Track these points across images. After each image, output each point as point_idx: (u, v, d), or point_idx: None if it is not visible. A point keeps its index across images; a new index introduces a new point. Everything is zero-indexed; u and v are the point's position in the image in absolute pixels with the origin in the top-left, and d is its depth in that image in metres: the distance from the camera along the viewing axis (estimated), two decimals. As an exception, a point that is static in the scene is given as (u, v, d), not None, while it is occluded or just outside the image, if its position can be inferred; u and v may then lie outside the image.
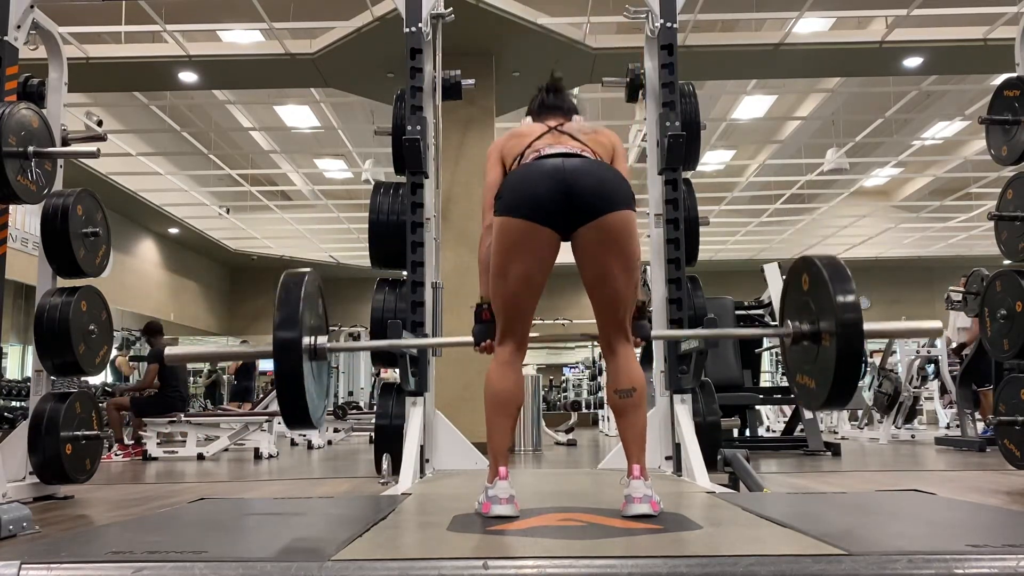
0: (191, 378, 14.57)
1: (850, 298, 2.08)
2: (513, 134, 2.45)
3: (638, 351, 2.45)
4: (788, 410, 9.36)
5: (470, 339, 2.43)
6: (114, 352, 13.98)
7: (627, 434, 2.26)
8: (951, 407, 10.38)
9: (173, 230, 17.21)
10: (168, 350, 2.62)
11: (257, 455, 7.36)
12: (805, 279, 2.23)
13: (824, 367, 2.13)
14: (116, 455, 7.31)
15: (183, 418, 7.65)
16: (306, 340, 2.24)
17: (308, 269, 2.41)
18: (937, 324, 2.47)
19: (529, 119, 2.53)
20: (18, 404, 9.62)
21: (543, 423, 8.92)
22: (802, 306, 2.24)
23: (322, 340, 2.35)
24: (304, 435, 9.48)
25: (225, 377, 13.92)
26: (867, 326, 2.09)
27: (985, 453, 6.71)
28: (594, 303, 2.30)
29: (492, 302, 2.33)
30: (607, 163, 2.34)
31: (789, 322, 2.29)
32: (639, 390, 2.26)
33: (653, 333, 2.54)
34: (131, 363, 12.89)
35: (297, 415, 2.21)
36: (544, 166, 2.22)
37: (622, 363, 2.29)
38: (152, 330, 8.31)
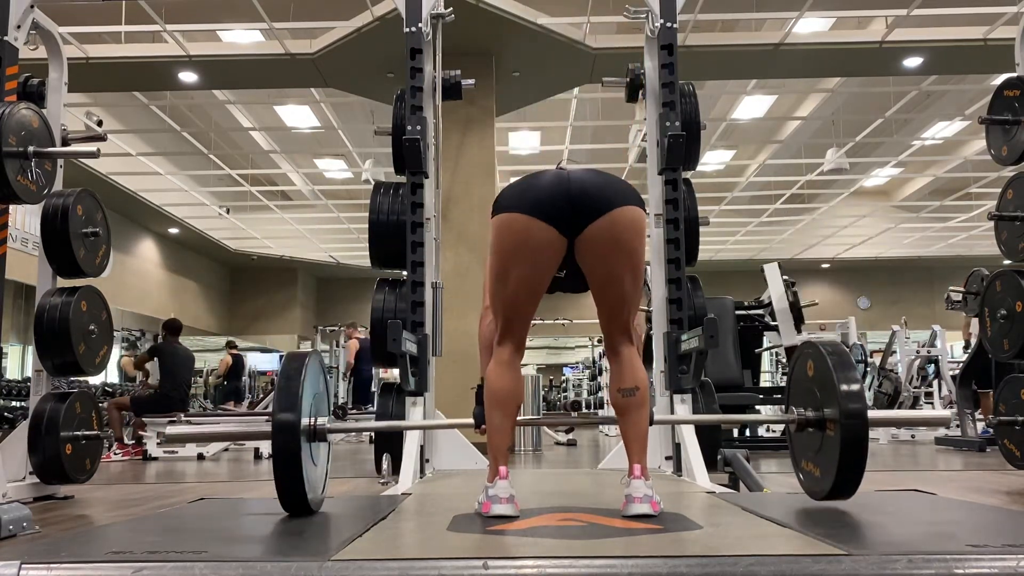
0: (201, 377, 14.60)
1: (854, 387, 2.08)
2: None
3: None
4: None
5: (471, 421, 2.46)
6: (120, 353, 14.01)
7: (629, 433, 2.26)
8: (951, 407, 10.38)
9: (173, 230, 17.22)
10: (169, 430, 2.63)
11: (257, 455, 7.36)
12: (810, 366, 2.23)
13: (829, 456, 2.13)
14: (116, 454, 7.31)
15: (183, 418, 7.65)
16: (304, 422, 2.23)
17: (311, 351, 2.40)
18: (946, 414, 2.47)
19: None
20: (18, 404, 9.61)
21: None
22: (807, 393, 2.25)
23: (322, 421, 2.33)
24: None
25: (212, 379, 14.00)
26: (872, 414, 2.09)
27: (985, 453, 6.71)
28: (599, 304, 2.28)
29: (491, 303, 2.33)
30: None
31: (794, 409, 2.30)
32: (642, 390, 2.26)
33: (656, 418, 2.57)
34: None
35: (294, 500, 2.20)
36: (545, 173, 2.19)
37: (626, 363, 2.28)
38: (171, 328, 8.31)
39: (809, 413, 2.21)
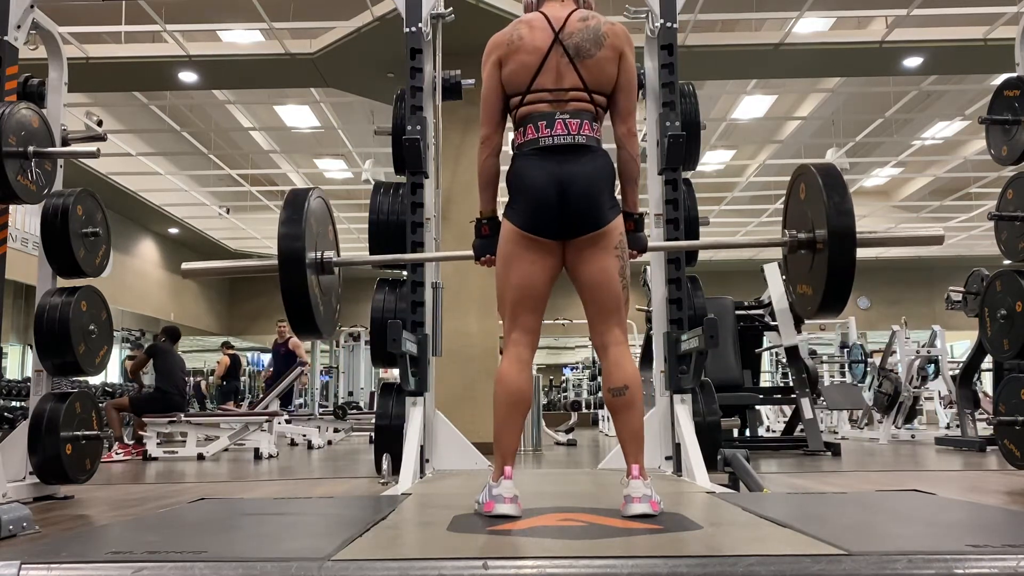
0: (191, 378, 14.57)
1: (843, 205, 2.08)
2: (514, 37, 2.36)
3: (636, 348, 2.46)
4: (788, 410, 9.36)
5: (471, 253, 2.56)
6: (124, 354, 14.01)
7: (623, 434, 2.26)
8: (951, 407, 10.38)
9: (173, 230, 17.22)
10: (185, 265, 2.62)
11: (257, 455, 7.36)
12: (802, 188, 2.23)
13: (819, 273, 2.14)
14: (116, 454, 7.31)
15: (183, 418, 7.65)
16: (312, 254, 2.24)
17: (315, 187, 2.41)
18: (938, 231, 2.46)
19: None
20: (18, 404, 9.61)
21: (543, 423, 8.92)
22: (799, 215, 2.25)
23: (329, 254, 2.35)
24: (304, 435, 9.48)
25: (213, 379, 14.03)
26: (861, 233, 2.10)
27: (985, 453, 6.71)
28: (585, 303, 2.35)
29: (502, 300, 2.37)
30: (599, 152, 2.33)
31: (786, 231, 2.30)
32: (632, 388, 2.26)
33: (650, 244, 2.57)
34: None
35: (305, 325, 2.22)
36: (542, 177, 2.26)
37: (615, 361, 2.29)
38: (171, 334, 8.37)
39: (801, 235, 2.22)
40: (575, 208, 2.25)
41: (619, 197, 2.46)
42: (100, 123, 4.62)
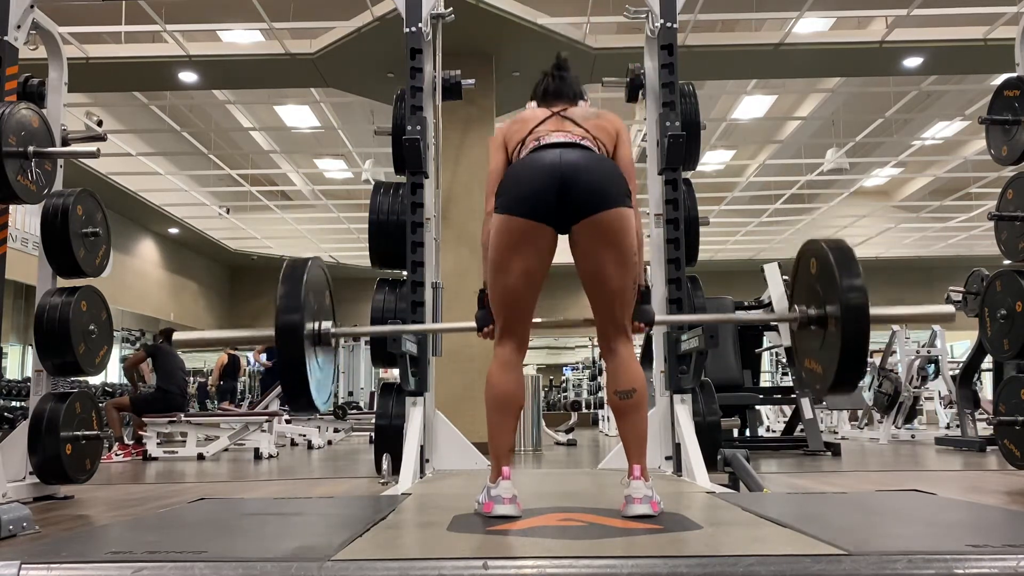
0: (191, 378, 14.57)
1: (856, 281, 2.05)
2: (516, 120, 2.43)
3: (638, 347, 2.44)
4: (788, 410, 9.36)
5: (473, 324, 2.44)
6: (126, 352, 13.99)
7: (627, 435, 2.25)
8: (951, 407, 10.38)
9: (173, 230, 17.22)
10: (177, 335, 2.61)
11: (257, 455, 7.36)
12: (813, 263, 2.21)
13: (830, 351, 2.11)
14: (116, 455, 7.31)
15: (183, 418, 7.66)
16: (309, 326, 2.23)
17: (313, 256, 2.40)
18: (949, 309, 2.44)
19: (534, 104, 2.51)
20: (18, 404, 9.61)
21: (543, 423, 8.92)
22: (809, 291, 2.23)
23: (326, 325, 2.34)
24: (304, 435, 9.48)
25: (211, 379, 14.01)
26: (874, 310, 2.07)
27: (985, 453, 6.71)
28: (592, 302, 2.30)
29: (491, 301, 2.33)
30: (607, 155, 2.33)
31: (796, 307, 2.28)
32: (639, 391, 2.25)
33: (657, 318, 2.53)
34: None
35: (300, 401, 2.21)
36: (542, 160, 2.21)
37: (622, 363, 2.28)
38: (167, 334, 8.41)
39: (811, 311, 2.20)
40: (575, 186, 2.16)
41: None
42: (100, 123, 4.62)
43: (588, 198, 2.16)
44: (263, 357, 11.78)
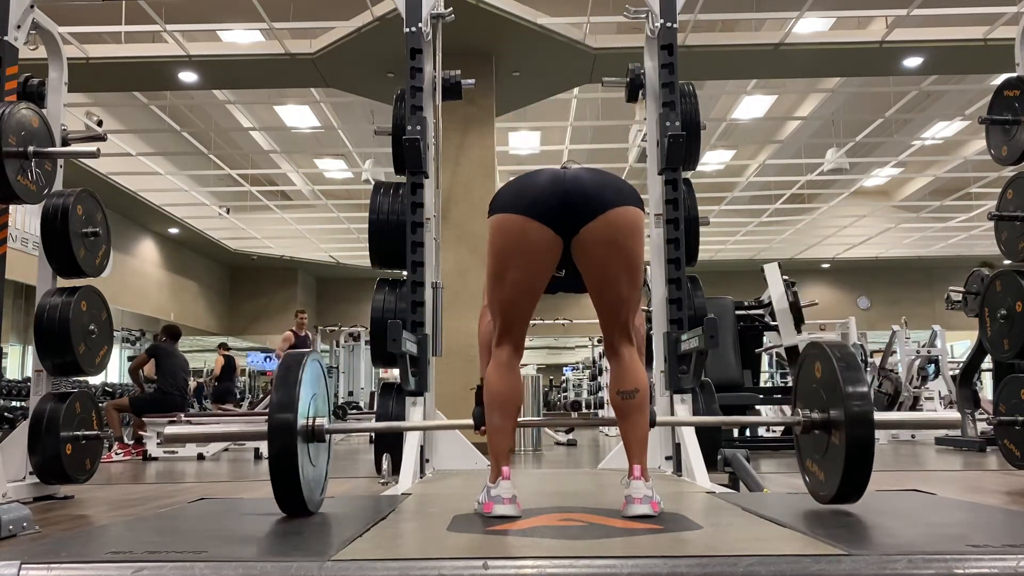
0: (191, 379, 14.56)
1: (860, 390, 2.03)
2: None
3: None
4: (788, 410, 9.36)
5: (470, 422, 2.46)
6: (126, 352, 13.98)
7: (629, 435, 2.25)
8: (951, 407, 10.38)
9: (173, 230, 17.22)
10: (168, 430, 2.61)
11: (257, 455, 7.36)
12: (817, 367, 2.19)
13: (834, 460, 2.09)
14: (116, 454, 7.31)
15: (183, 418, 7.65)
16: (301, 422, 2.20)
17: (310, 350, 2.38)
18: (956, 416, 2.44)
19: None
20: (18, 404, 9.61)
21: (543, 423, 8.91)
22: (813, 394, 2.22)
23: (321, 421, 2.30)
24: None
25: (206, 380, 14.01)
26: (879, 416, 2.03)
27: (985, 453, 6.71)
28: (597, 306, 2.28)
29: (489, 303, 2.32)
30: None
31: (800, 411, 2.27)
32: (642, 391, 2.25)
33: (659, 419, 2.53)
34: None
35: (290, 500, 2.18)
36: (542, 172, 2.18)
37: (626, 364, 2.27)
38: (171, 333, 8.36)
39: (815, 415, 2.18)
40: (582, 186, 2.10)
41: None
42: (100, 123, 4.62)
43: (596, 196, 2.10)
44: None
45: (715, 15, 8.61)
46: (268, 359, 20.36)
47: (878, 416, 2.06)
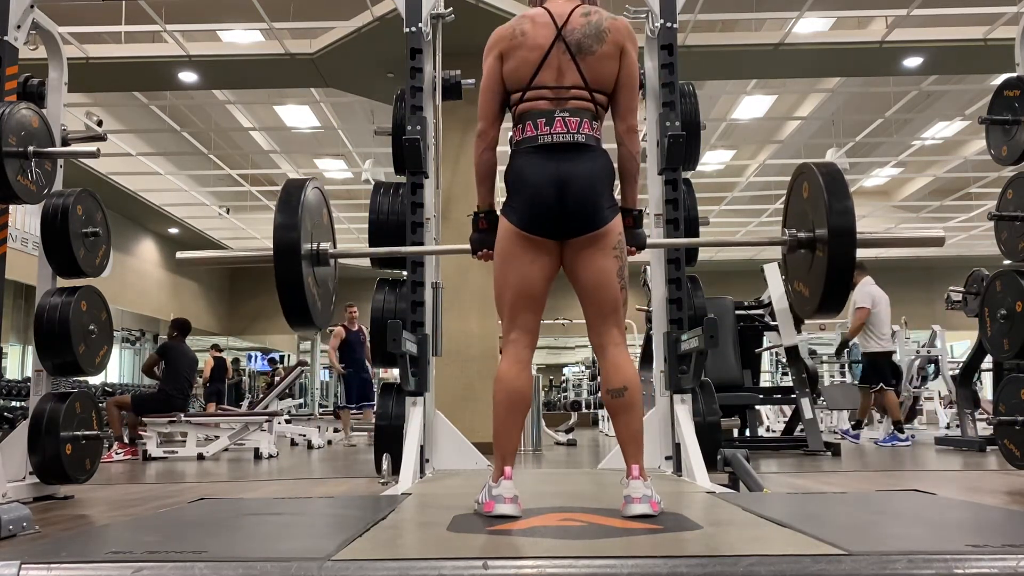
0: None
1: (844, 205, 2.06)
2: (516, 34, 2.34)
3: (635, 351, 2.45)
4: (788, 410, 9.36)
5: (467, 247, 2.55)
6: (126, 352, 13.95)
7: (622, 435, 2.26)
8: (951, 407, 10.38)
9: (173, 230, 17.22)
10: (180, 255, 2.59)
11: (257, 455, 7.36)
12: (805, 187, 2.21)
13: (818, 273, 2.13)
14: (116, 454, 7.31)
15: (183, 418, 7.65)
16: (307, 246, 2.22)
17: (311, 178, 2.39)
18: (939, 233, 2.44)
19: None
20: (18, 404, 9.61)
21: (543, 423, 8.92)
22: (799, 215, 2.23)
23: (325, 245, 2.33)
24: (304, 435, 9.48)
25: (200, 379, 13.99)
26: (861, 233, 2.07)
27: (985, 453, 6.71)
28: (586, 306, 2.34)
29: (499, 301, 2.36)
30: (599, 151, 2.32)
31: (787, 230, 2.29)
32: (631, 389, 2.25)
33: (649, 241, 2.57)
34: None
35: (300, 317, 2.20)
36: (541, 176, 2.25)
37: (613, 362, 2.29)
38: (181, 328, 8.22)
39: (801, 234, 2.21)
40: (573, 208, 2.24)
41: (619, 197, 2.46)
42: (100, 123, 4.62)
43: (582, 220, 2.24)
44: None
45: (715, 15, 8.61)
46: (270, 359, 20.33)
47: (860, 233, 2.09)
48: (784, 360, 10.10)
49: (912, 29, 8.57)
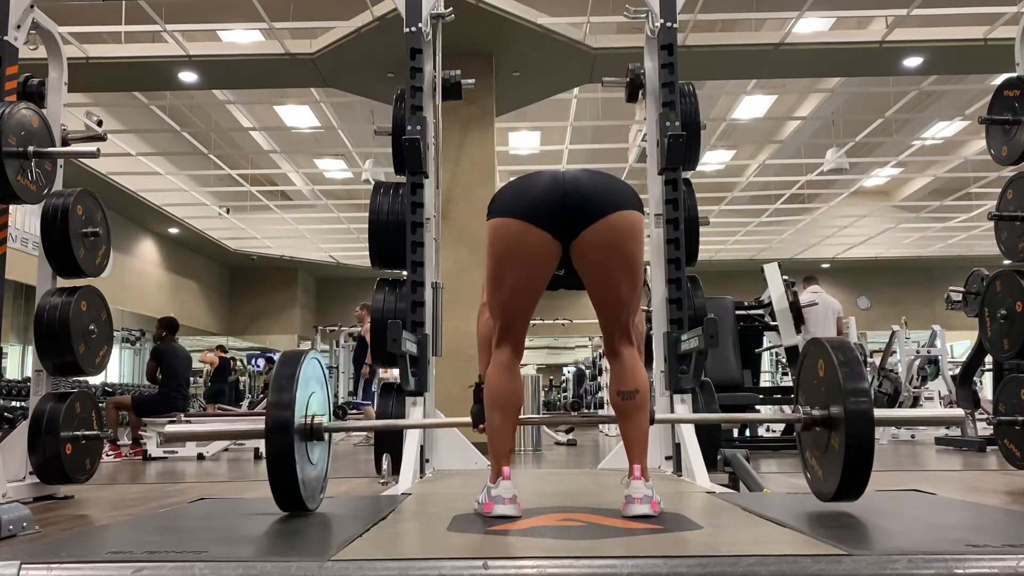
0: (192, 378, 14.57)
1: (860, 387, 2.03)
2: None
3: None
4: (788, 410, 9.36)
5: (469, 420, 2.46)
6: (126, 352, 13.95)
7: (630, 436, 2.25)
8: (951, 407, 10.37)
9: (173, 230, 17.21)
10: (167, 428, 2.60)
11: (257, 455, 7.36)
12: (820, 364, 2.18)
13: (834, 457, 2.09)
14: (108, 455, 7.28)
15: (183, 418, 7.65)
16: (299, 420, 2.18)
17: (309, 349, 2.36)
18: (958, 413, 2.42)
19: None
20: (18, 404, 9.61)
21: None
22: (814, 391, 2.21)
23: (319, 419, 2.28)
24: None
25: (201, 379, 14.01)
26: (878, 413, 2.02)
27: (985, 453, 6.71)
28: (597, 308, 2.27)
29: (489, 305, 2.32)
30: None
31: (800, 408, 2.27)
32: (642, 392, 2.25)
33: (658, 417, 2.54)
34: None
35: (287, 499, 2.18)
36: (541, 173, 2.18)
37: (626, 365, 2.27)
38: (170, 326, 8.18)
39: (815, 412, 2.18)
40: (580, 193, 2.09)
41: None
42: (100, 123, 4.61)
43: (596, 199, 2.09)
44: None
45: (715, 15, 8.61)
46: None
47: (878, 413, 2.05)
48: (784, 360, 10.11)
49: (912, 29, 8.56)
